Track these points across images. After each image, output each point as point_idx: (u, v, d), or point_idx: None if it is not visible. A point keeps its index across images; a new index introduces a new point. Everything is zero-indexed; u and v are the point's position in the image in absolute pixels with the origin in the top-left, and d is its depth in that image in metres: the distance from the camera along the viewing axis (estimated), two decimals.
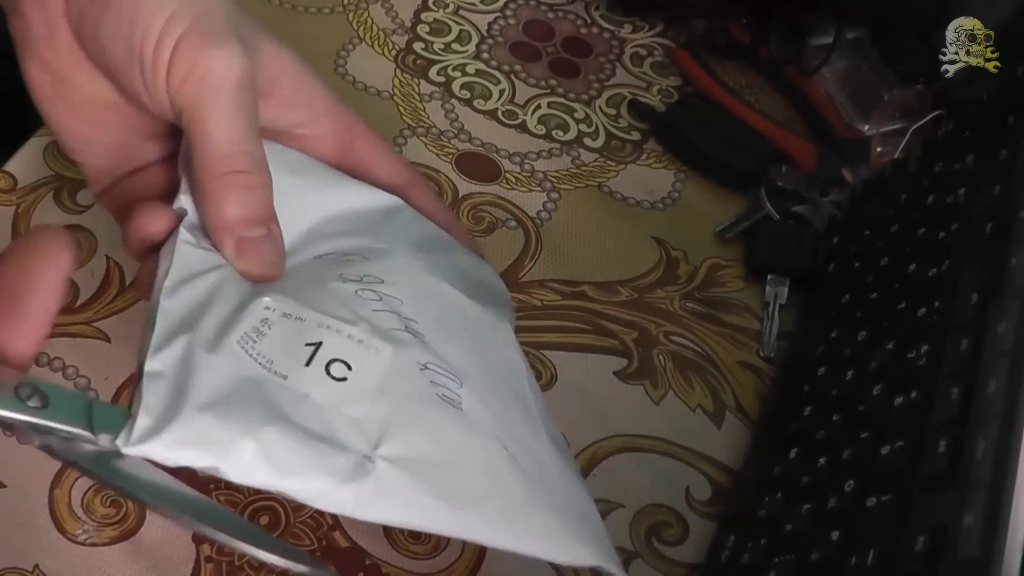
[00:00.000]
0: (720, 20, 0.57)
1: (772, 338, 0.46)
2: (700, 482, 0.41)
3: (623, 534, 0.40)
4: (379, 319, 0.31)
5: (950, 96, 0.48)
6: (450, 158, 0.50)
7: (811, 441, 0.38)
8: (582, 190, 0.51)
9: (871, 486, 0.33)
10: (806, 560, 0.33)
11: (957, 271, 0.38)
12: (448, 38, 0.56)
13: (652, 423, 0.43)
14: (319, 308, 0.31)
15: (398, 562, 0.38)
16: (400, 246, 0.36)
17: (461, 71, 0.54)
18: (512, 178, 0.51)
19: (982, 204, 0.40)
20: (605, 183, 0.51)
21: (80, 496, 0.37)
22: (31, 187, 0.44)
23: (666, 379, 0.44)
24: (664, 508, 0.41)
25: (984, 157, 0.42)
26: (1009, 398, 0.30)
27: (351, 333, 0.30)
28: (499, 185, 0.50)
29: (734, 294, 0.48)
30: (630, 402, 0.43)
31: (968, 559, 0.27)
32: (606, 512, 0.40)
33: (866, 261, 0.45)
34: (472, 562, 0.38)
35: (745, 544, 0.37)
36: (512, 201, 0.50)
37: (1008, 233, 0.36)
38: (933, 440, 0.32)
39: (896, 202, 0.46)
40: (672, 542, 0.40)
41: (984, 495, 0.28)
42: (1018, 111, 0.42)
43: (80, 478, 0.37)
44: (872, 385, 0.37)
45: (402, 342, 0.31)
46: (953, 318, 0.36)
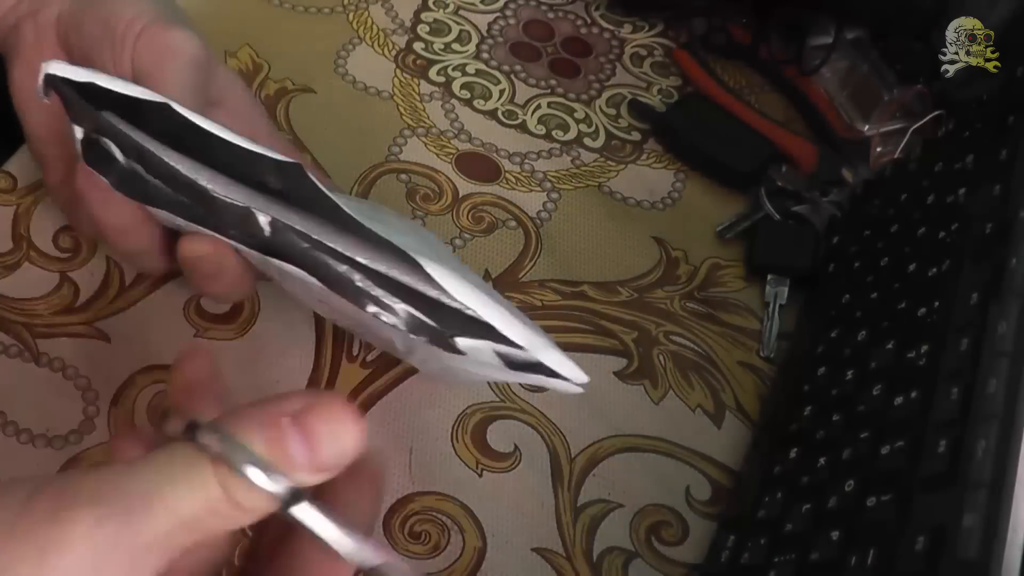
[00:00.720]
0: (720, 20, 0.58)
1: (772, 338, 0.46)
2: (700, 482, 0.41)
3: (623, 534, 0.40)
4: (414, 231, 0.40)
5: (950, 96, 0.48)
6: (450, 158, 0.50)
7: (811, 441, 0.38)
8: (582, 190, 0.51)
9: (871, 486, 0.33)
10: (806, 560, 0.33)
11: (957, 271, 0.38)
12: (448, 38, 0.56)
13: (652, 423, 0.43)
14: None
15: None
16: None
17: (461, 71, 0.54)
18: (512, 178, 0.51)
19: (982, 204, 0.40)
20: (605, 183, 0.51)
21: None
22: (31, 187, 0.44)
23: (666, 379, 0.44)
24: (664, 508, 0.41)
25: (984, 157, 0.42)
26: (1009, 398, 0.30)
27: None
28: (499, 185, 0.50)
29: (734, 294, 0.48)
30: (630, 402, 0.43)
31: (968, 559, 0.27)
32: (606, 512, 0.40)
33: (866, 261, 0.45)
34: (472, 562, 0.38)
35: (745, 544, 0.37)
36: (512, 201, 0.50)
37: (1008, 233, 0.36)
38: (933, 440, 0.32)
39: (896, 202, 0.46)
40: (672, 542, 0.40)
41: (984, 495, 0.28)
42: (1018, 111, 0.42)
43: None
44: (872, 385, 0.37)
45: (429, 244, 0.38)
46: (953, 318, 0.36)
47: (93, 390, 0.39)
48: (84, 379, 0.40)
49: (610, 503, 0.40)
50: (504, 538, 0.39)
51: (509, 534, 0.39)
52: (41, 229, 0.43)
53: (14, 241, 0.43)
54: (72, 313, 0.41)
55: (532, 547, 0.39)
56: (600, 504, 0.40)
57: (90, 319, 0.41)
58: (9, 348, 0.40)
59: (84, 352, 0.40)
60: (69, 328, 0.41)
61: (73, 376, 0.40)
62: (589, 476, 0.41)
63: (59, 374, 0.40)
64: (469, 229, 0.48)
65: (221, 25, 0.53)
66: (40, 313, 0.41)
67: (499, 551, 0.38)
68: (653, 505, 0.41)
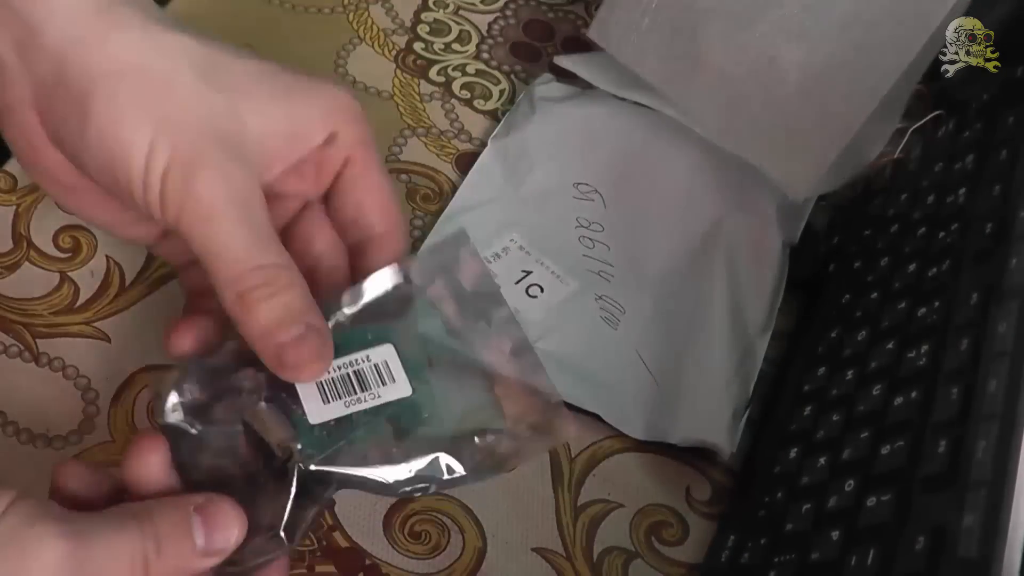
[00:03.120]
0: None
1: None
2: (700, 482, 0.41)
3: (623, 534, 0.40)
4: (581, 262, 0.46)
5: (950, 96, 0.48)
6: (450, 158, 0.50)
7: (811, 441, 0.38)
8: None
9: (871, 486, 0.33)
10: (806, 560, 0.33)
11: (957, 271, 0.38)
12: (448, 38, 0.56)
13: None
14: (542, 247, 0.46)
15: (398, 562, 0.38)
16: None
17: (461, 71, 0.54)
18: None
19: (982, 204, 0.40)
20: None
21: None
22: (31, 187, 0.44)
23: None
24: (664, 508, 0.41)
25: (984, 157, 0.42)
26: (1009, 398, 0.30)
27: (554, 270, 0.45)
28: None
29: None
30: None
31: (968, 559, 0.27)
32: (606, 512, 0.40)
33: (866, 261, 0.45)
34: (472, 562, 0.38)
35: (745, 544, 0.37)
36: None
37: (1008, 233, 0.36)
38: (933, 440, 0.32)
39: (896, 202, 0.46)
40: (672, 542, 0.40)
41: (984, 495, 0.28)
42: (1018, 111, 0.42)
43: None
44: (872, 385, 0.37)
45: (588, 280, 0.46)
46: (953, 318, 0.36)
47: (93, 390, 0.39)
48: (84, 379, 0.40)
49: (610, 503, 0.40)
50: (504, 538, 0.39)
51: (509, 534, 0.39)
52: (41, 229, 0.43)
53: (14, 241, 0.43)
54: (72, 313, 0.41)
55: (532, 547, 0.39)
56: (600, 504, 0.40)
57: (90, 319, 0.41)
58: (9, 348, 0.40)
59: (84, 352, 0.40)
60: (69, 328, 0.41)
61: (73, 376, 0.40)
62: (589, 476, 0.41)
63: (59, 374, 0.40)
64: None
65: (221, 25, 0.53)
66: (40, 313, 0.41)
67: (499, 551, 0.38)
68: (653, 505, 0.41)
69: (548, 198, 0.48)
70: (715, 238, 0.47)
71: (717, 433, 0.41)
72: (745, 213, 0.47)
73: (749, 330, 0.45)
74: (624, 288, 0.46)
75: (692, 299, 0.45)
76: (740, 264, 0.46)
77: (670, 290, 0.46)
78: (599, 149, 0.50)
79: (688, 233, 0.47)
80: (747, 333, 0.44)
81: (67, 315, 0.41)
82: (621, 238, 0.47)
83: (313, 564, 0.37)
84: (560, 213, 0.48)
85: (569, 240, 0.47)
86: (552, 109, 0.50)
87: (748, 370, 0.44)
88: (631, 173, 0.49)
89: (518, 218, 0.47)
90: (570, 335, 0.43)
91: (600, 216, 0.48)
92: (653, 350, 0.44)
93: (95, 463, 0.37)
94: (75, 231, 0.43)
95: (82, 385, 0.40)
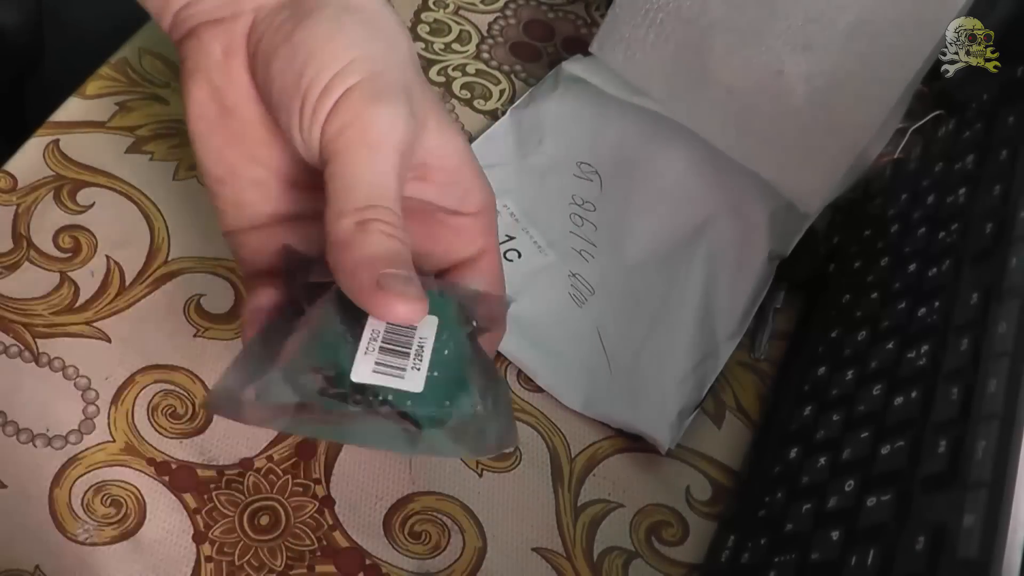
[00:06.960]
0: None
1: (764, 340, 0.46)
2: (700, 482, 0.42)
3: (623, 534, 0.40)
4: (566, 238, 0.47)
5: (950, 96, 0.48)
6: None
7: (811, 441, 0.38)
8: None
9: (871, 486, 0.33)
10: (806, 560, 0.33)
11: (957, 271, 0.38)
12: (448, 38, 0.55)
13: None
14: (532, 216, 0.47)
15: (398, 562, 0.38)
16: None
17: (461, 71, 0.54)
18: None
19: (982, 204, 0.40)
20: None
21: (80, 496, 0.37)
22: (31, 187, 0.44)
23: None
24: (664, 508, 0.41)
25: (984, 157, 0.42)
26: (1009, 398, 0.30)
27: (536, 240, 0.46)
28: None
29: None
30: None
31: (968, 559, 0.27)
32: (606, 512, 0.40)
33: (866, 261, 0.45)
34: (472, 562, 0.38)
35: (745, 544, 0.37)
36: None
37: (1008, 233, 0.36)
38: (933, 440, 0.32)
39: (896, 202, 0.46)
40: (672, 542, 0.40)
41: (984, 495, 0.28)
42: (1018, 111, 0.42)
43: (80, 478, 0.37)
44: (872, 385, 0.37)
45: (567, 256, 0.46)
46: (953, 318, 0.36)
47: (93, 390, 0.39)
48: (84, 379, 0.40)
49: (610, 503, 0.40)
50: (504, 538, 0.39)
51: (509, 534, 0.39)
52: (41, 229, 0.43)
53: (14, 241, 0.43)
54: (72, 313, 0.41)
55: (532, 547, 0.39)
56: (600, 504, 0.40)
57: (90, 319, 0.41)
58: (9, 348, 0.40)
59: (84, 352, 0.40)
60: (69, 328, 0.41)
61: (73, 376, 0.40)
62: (589, 476, 0.41)
63: (59, 374, 0.40)
64: None
65: None
66: (40, 313, 0.41)
67: (499, 551, 0.38)
68: (653, 505, 0.41)
69: (550, 171, 0.49)
70: (699, 237, 0.47)
71: (659, 427, 0.41)
72: (735, 218, 0.47)
73: (717, 333, 0.44)
74: (600, 270, 0.46)
75: (663, 292, 0.45)
76: (720, 267, 0.46)
77: (644, 280, 0.46)
78: (608, 132, 0.50)
79: (674, 228, 0.47)
80: (714, 336, 0.44)
81: (67, 315, 0.41)
82: (609, 221, 0.48)
83: (313, 564, 0.37)
84: (558, 188, 0.48)
85: (560, 215, 0.48)
86: (573, 88, 0.51)
87: (707, 372, 0.43)
88: (633, 160, 0.49)
89: (516, 186, 0.48)
90: (536, 303, 0.44)
91: (595, 197, 0.48)
92: (613, 334, 0.44)
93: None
94: (75, 231, 0.43)
95: (82, 385, 0.40)
